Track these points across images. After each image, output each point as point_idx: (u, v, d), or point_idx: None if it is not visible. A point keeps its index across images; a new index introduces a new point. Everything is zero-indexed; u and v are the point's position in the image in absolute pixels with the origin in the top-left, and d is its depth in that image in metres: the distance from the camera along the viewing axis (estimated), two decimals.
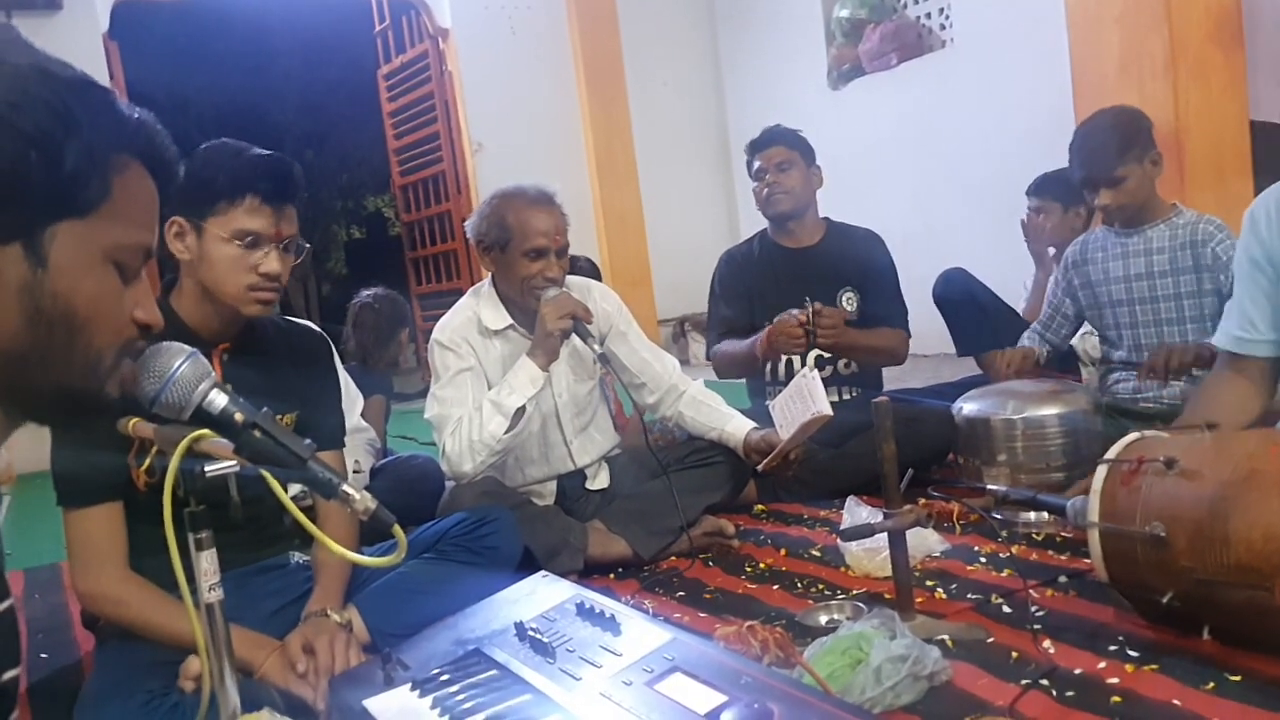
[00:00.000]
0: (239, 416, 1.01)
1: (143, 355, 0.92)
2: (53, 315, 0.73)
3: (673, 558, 2.27)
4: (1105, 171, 2.50)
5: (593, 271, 3.25)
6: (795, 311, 2.69)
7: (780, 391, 2.44)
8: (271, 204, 1.65)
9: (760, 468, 2.35)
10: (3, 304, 0.71)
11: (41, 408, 0.78)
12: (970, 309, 3.26)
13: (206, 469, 1.07)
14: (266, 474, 1.02)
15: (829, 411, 2.20)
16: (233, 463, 1.07)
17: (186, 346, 1.01)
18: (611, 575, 2.20)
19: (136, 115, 0.80)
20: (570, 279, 2.40)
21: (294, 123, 13.47)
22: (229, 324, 1.72)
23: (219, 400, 1.02)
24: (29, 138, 0.70)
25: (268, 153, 1.67)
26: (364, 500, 1.03)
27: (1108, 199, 2.53)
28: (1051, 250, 3.49)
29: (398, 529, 1.03)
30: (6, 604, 0.75)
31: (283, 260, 1.68)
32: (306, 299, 16.97)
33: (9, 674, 0.74)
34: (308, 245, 1.76)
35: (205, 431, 1.02)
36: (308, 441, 1.04)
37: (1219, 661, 1.39)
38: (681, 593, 2.04)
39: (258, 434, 1.01)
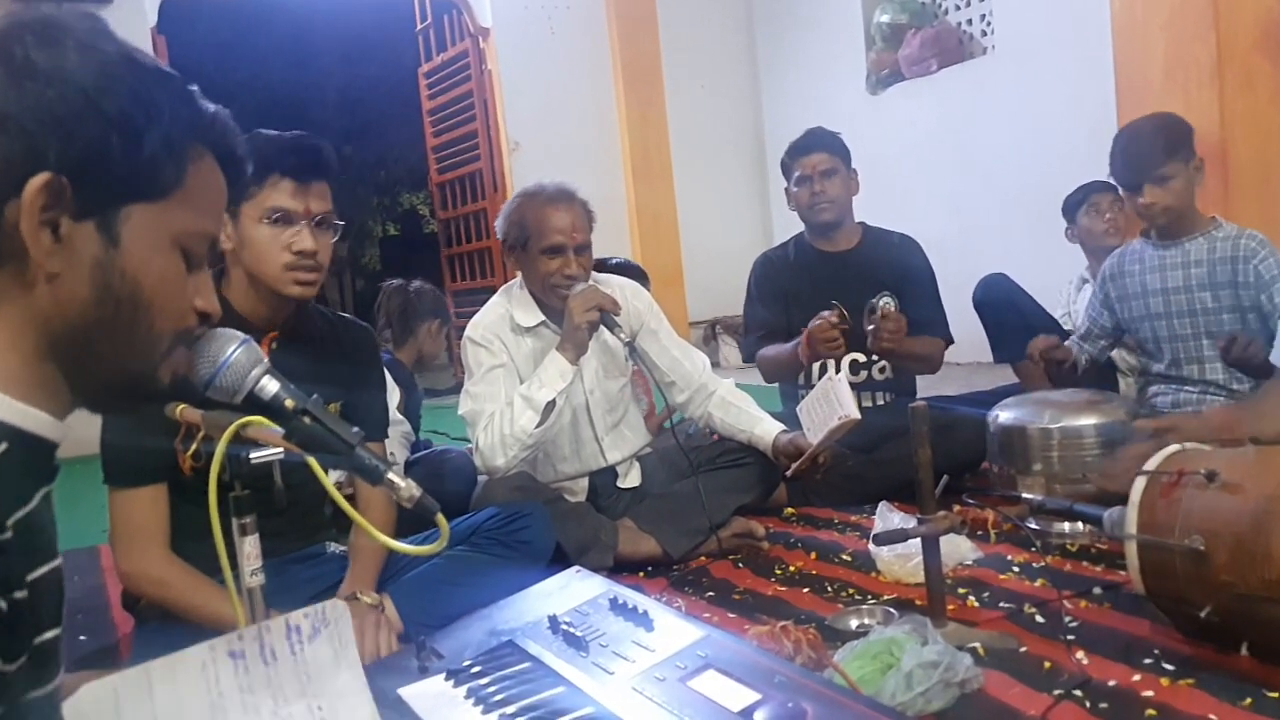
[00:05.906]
0: (290, 403, 1.04)
1: (197, 341, 0.95)
2: (120, 293, 0.76)
3: (702, 558, 2.27)
4: (1152, 169, 2.45)
5: (639, 276, 3.14)
6: (826, 314, 2.68)
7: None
8: (298, 180, 1.68)
9: (789, 472, 2.34)
10: (75, 277, 0.74)
11: (98, 387, 0.80)
12: (1011, 315, 3.23)
13: (252, 455, 1.10)
14: (312, 460, 1.03)
15: (856, 415, 2.19)
16: (278, 449, 1.09)
17: (240, 333, 1.03)
18: (641, 574, 2.21)
19: (213, 110, 0.85)
20: (599, 275, 2.41)
21: (333, 118, 13.63)
22: (277, 311, 1.76)
23: (270, 386, 1.04)
24: (112, 121, 0.74)
25: (293, 133, 1.70)
26: (409, 488, 1.04)
27: (1152, 198, 2.47)
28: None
29: (440, 517, 1.04)
30: (55, 563, 0.77)
31: (317, 237, 1.70)
32: (341, 293, 17.16)
33: (51, 633, 0.76)
34: (342, 223, 1.78)
35: (254, 418, 1.04)
36: (355, 429, 1.06)
37: (1257, 678, 1.37)
38: (711, 593, 2.04)
39: (307, 420, 1.03)
